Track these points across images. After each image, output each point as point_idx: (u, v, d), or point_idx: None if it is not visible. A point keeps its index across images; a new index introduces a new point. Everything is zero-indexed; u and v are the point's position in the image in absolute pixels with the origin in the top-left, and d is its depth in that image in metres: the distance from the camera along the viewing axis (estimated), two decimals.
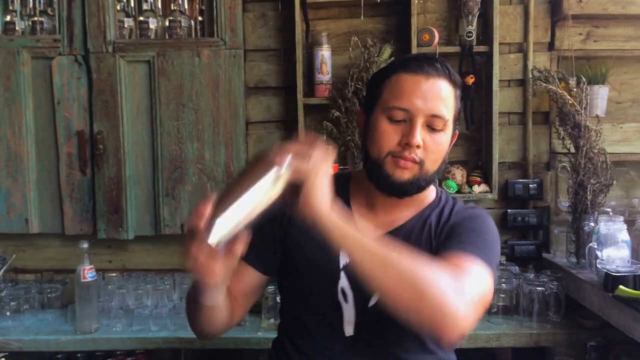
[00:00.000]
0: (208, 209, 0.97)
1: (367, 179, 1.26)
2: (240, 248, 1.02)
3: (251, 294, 1.34)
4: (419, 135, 1.17)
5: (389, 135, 1.19)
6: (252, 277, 1.31)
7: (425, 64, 1.20)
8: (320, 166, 1.02)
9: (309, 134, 1.10)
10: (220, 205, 0.98)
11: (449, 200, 1.34)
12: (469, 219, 1.27)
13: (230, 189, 1.01)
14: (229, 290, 1.22)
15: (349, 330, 1.24)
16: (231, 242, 1.00)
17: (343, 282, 1.24)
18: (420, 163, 1.19)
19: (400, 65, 1.24)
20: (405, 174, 1.19)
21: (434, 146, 1.20)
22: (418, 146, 1.17)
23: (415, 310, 0.99)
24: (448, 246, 1.18)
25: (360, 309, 1.23)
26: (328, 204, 1.02)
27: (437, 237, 1.25)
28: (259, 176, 0.99)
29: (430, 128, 1.19)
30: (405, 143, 1.18)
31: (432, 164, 1.21)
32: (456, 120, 1.25)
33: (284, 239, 1.30)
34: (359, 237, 1.02)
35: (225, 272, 1.05)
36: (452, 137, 1.27)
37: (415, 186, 1.22)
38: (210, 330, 1.24)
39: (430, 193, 1.33)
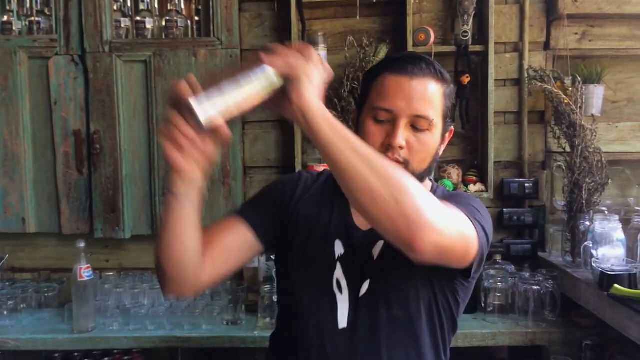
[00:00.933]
0: (195, 82, 0.94)
1: None
2: (224, 134, 0.97)
3: (233, 254, 1.26)
4: (401, 136, 1.17)
5: (373, 136, 1.19)
6: (242, 236, 1.26)
7: (410, 64, 1.19)
8: (311, 62, 1.01)
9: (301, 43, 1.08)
10: (210, 87, 0.94)
11: (444, 192, 1.35)
12: (454, 195, 1.29)
13: (219, 78, 0.96)
14: (211, 239, 1.18)
15: (342, 322, 1.23)
16: (214, 128, 0.95)
17: (338, 272, 1.24)
18: (405, 163, 1.18)
19: (386, 65, 1.23)
20: None
21: (419, 146, 1.19)
22: (401, 147, 1.17)
23: (392, 209, 0.96)
24: None
25: (354, 300, 1.23)
26: (317, 98, 1.01)
27: None
28: (250, 71, 0.97)
29: (415, 128, 1.19)
30: (388, 144, 1.18)
31: (419, 164, 1.21)
32: (446, 117, 1.24)
33: (286, 214, 1.30)
34: (346, 132, 1.00)
35: (201, 160, 1.01)
36: (445, 134, 1.26)
37: None
38: (173, 250, 1.12)
39: (425, 187, 1.33)
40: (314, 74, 1.02)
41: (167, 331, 2.16)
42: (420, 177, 1.24)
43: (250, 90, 0.97)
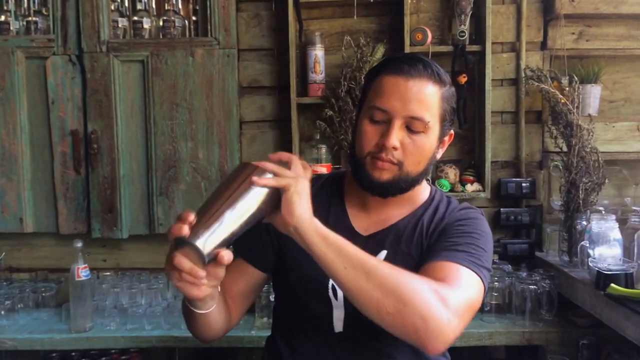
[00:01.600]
0: (192, 217, 0.95)
1: None
2: (226, 258, 0.98)
3: (250, 294, 1.33)
4: (395, 137, 1.17)
5: (369, 136, 1.20)
6: (251, 276, 1.30)
7: (407, 64, 1.19)
8: (299, 177, 1.02)
9: (283, 153, 1.09)
10: (204, 219, 0.96)
11: (443, 199, 1.33)
12: (462, 220, 1.26)
13: (212, 203, 0.98)
14: (227, 292, 1.22)
15: (338, 326, 1.24)
16: (216, 253, 0.97)
17: None
18: (399, 164, 1.19)
19: (384, 65, 1.24)
20: (383, 175, 1.19)
21: (414, 148, 1.19)
22: (395, 148, 1.17)
23: (399, 319, 0.99)
24: (437, 251, 1.18)
25: (349, 306, 1.22)
26: (309, 212, 1.02)
27: (428, 238, 1.25)
28: (241, 193, 0.99)
29: (410, 130, 1.18)
30: (382, 144, 1.18)
31: (414, 166, 1.20)
32: (445, 120, 1.23)
33: (280, 235, 1.29)
34: (341, 244, 1.02)
35: (212, 283, 1.04)
36: (443, 137, 1.25)
37: (396, 187, 1.22)
38: (209, 334, 1.23)
39: (423, 192, 1.32)
40: (303, 187, 1.02)
41: (165, 331, 2.16)
42: (415, 180, 1.24)
43: (246, 213, 0.99)
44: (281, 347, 1.32)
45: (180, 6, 2.45)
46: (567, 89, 2.20)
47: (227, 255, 0.98)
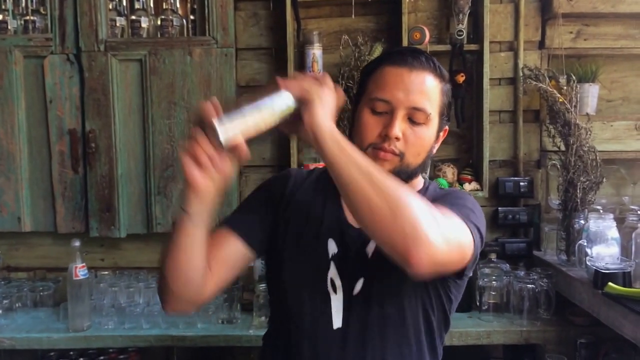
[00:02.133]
0: (218, 104, 0.99)
1: None
2: (243, 153, 1.01)
3: (230, 267, 1.25)
4: (398, 127, 1.17)
5: (370, 127, 1.20)
6: (234, 245, 1.25)
7: (410, 56, 1.20)
8: (325, 87, 1.07)
9: (317, 74, 1.14)
10: (230, 109, 1.01)
11: (436, 189, 1.34)
12: (447, 194, 1.30)
13: (240, 101, 1.04)
14: (208, 254, 1.17)
15: (337, 321, 1.23)
16: (233, 147, 1.00)
17: (332, 272, 1.23)
18: (400, 155, 1.19)
19: (385, 57, 1.24)
20: (385, 166, 1.18)
21: (415, 139, 1.19)
22: (397, 138, 1.17)
23: (390, 223, 0.99)
24: None
25: (348, 299, 1.23)
26: (329, 118, 1.05)
27: None
28: (268, 94, 1.05)
29: (412, 121, 1.19)
30: (385, 135, 1.18)
31: (414, 157, 1.21)
32: (443, 115, 1.24)
33: (276, 214, 1.29)
34: (353, 150, 1.04)
35: (219, 179, 1.04)
36: (440, 132, 1.26)
37: (396, 178, 1.21)
38: (181, 268, 1.12)
39: (418, 184, 1.33)
40: (327, 98, 1.07)
41: (162, 330, 2.16)
42: (414, 172, 1.24)
43: (268, 112, 1.04)
44: (279, 343, 1.31)
45: (178, 5, 2.45)
46: (565, 88, 2.20)
47: (245, 149, 1.01)
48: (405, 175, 1.22)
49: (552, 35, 2.45)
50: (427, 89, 1.19)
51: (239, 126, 1.00)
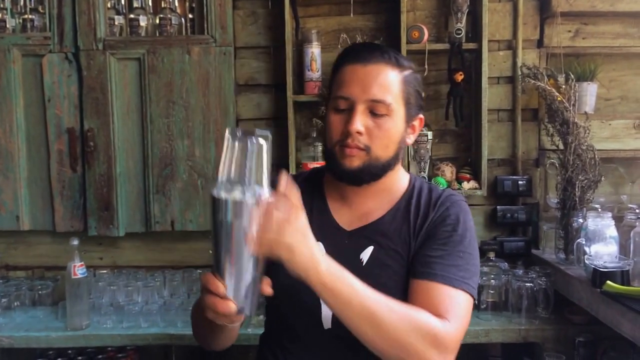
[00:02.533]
0: (219, 286, 0.98)
1: None
2: (267, 289, 1.03)
3: None
4: (358, 122, 1.18)
5: (335, 126, 1.22)
6: None
7: (363, 51, 1.22)
8: (289, 216, 1.00)
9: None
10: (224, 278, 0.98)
11: (423, 188, 1.32)
12: (447, 219, 1.25)
13: (221, 260, 0.99)
14: None
15: (327, 323, 1.24)
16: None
17: None
18: (366, 149, 1.20)
19: (344, 56, 1.26)
20: (353, 162, 1.20)
21: (379, 132, 1.20)
22: (359, 132, 1.18)
23: None
24: (428, 263, 1.20)
25: None
26: (311, 260, 1.02)
27: (416, 236, 1.25)
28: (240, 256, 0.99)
29: (374, 114, 1.20)
30: (346, 131, 1.19)
31: (382, 150, 1.21)
32: (409, 103, 1.24)
33: None
34: (347, 293, 1.04)
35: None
36: (411, 121, 1.26)
37: (367, 173, 1.22)
38: (225, 343, 1.27)
39: (401, 181, 1.32)
40: (294, 233, 1.00)
41: (161, 328, 2.16)
42: (387, 165, 1.24)
43: (252, 274, 1.00)
44: (274, 345, 1.32)
45: (176, 4, 2.45)
46: (564, 86, 2.20)
47: (267, 288, 1.03)
48: (376, 169, 1.23)
49: (551, 34, 2.44)
50: (384, 80, 1.20)
51: (248, 293, 0.99)
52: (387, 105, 1.19)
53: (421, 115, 1.29)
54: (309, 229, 1.03)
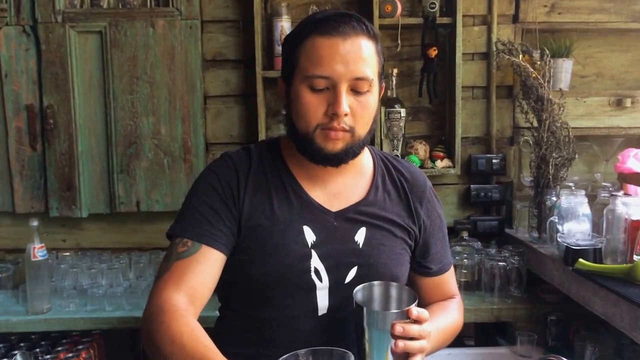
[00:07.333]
0: None
1: None
2: None
3: (213, 284, 1.16)
4: (345, 103, 1.10)
5: (314, 107, 1.12)
6: (220, 263, 1.16)
7: (341, 23, 1.11)
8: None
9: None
10: None
11: (385, 160, 1.32)
12: (434, 197, 1.34)
13: None
14: (205, 287, 1.12)
15: (322, 309, 1.18)
16: None
17: (315, 260, 1.17)
18: (351, 131, 1.13)
19: (314, 28, 1.13)
20: (337, 145, 1.13)
21: (362, 110, 1.13)
22: (346, 114, 1.11)
23: None
24: (440, 253, 1.34)
25: (336, 286, 1.18)
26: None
27: (412, 216, 1.28)
28: None
29: (355, 92, 1.12)
30: (332, 113, 1.11)
31: (363, 128, 1.15)
32: (381, 75, 1.18)
33: (241, 216, 1.18)
34: (443, 341, 1.25)
35: None
36: (381, 92, 1.21)
37: (350, 154, 1.16)
38: None
39: (366, 153, 1.29)
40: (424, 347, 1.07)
41: (126, 312, 2.09)
42: (365, 142, 1.19)
43: None
44: (247, 334, 1.22)
45: None
46: (539, 63, 2.16)
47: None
48: (358, 148, 1.17)
49: (526, 9, 2.40)
50: (365, 55, 1.11)
51: None
52: (369, 81, 1.12)
53: (383, 84, 1.23)
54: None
